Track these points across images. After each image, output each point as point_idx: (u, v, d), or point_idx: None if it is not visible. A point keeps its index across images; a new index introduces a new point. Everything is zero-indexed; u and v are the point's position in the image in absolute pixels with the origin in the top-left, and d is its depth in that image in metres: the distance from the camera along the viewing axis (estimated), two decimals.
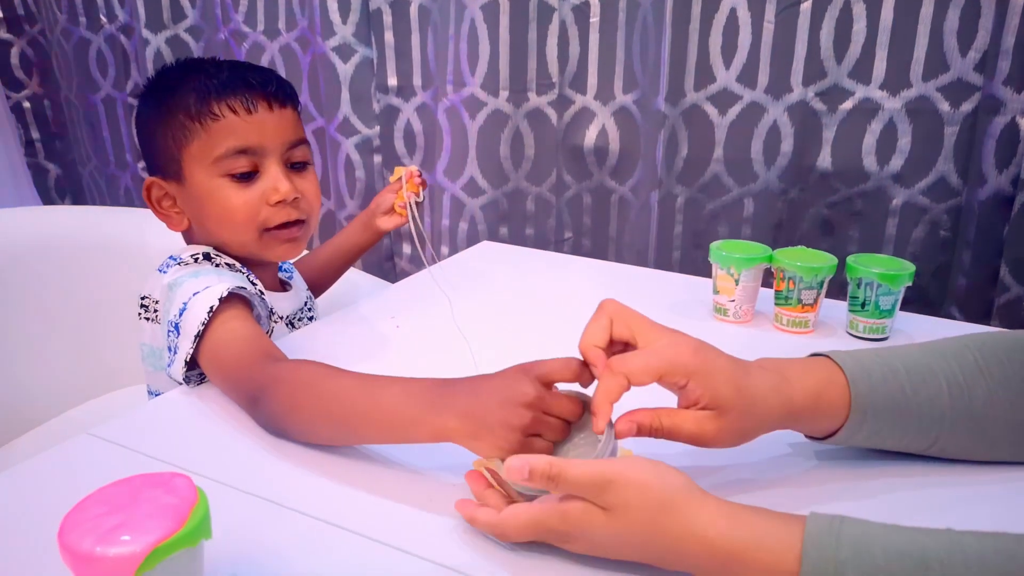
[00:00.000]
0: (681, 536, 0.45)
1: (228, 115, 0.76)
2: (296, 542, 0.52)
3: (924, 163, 1.14)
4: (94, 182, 1.95)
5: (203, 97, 0.76)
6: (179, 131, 0.76)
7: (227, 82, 0.77)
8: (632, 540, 0.46)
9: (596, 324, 0.56)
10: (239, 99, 0.76)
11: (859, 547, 0.41)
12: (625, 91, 1.32)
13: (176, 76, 0.79)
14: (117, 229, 1.29)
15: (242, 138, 0.76)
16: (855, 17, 1.13)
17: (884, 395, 0.56)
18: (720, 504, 0.46)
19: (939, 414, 0.56)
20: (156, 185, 0.80)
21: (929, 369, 0.57)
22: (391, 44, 1.46)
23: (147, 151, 0.81)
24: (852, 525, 0.43)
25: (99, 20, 1.74)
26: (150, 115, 0.79)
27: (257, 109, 0.77)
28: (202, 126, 0.76)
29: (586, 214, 1.43)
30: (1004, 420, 0.57)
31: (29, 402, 1.17)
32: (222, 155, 0.76)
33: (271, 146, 0.78)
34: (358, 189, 1.55)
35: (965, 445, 0.58)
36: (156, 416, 0.70)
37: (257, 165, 0.78)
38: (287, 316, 0.88)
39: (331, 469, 0.60)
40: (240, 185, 0.77)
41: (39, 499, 0.56)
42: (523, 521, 0.49)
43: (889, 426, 0.57)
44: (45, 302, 1.20)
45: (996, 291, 1.11)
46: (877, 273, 0.82)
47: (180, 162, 0.77)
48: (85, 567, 0.38)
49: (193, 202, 0.79)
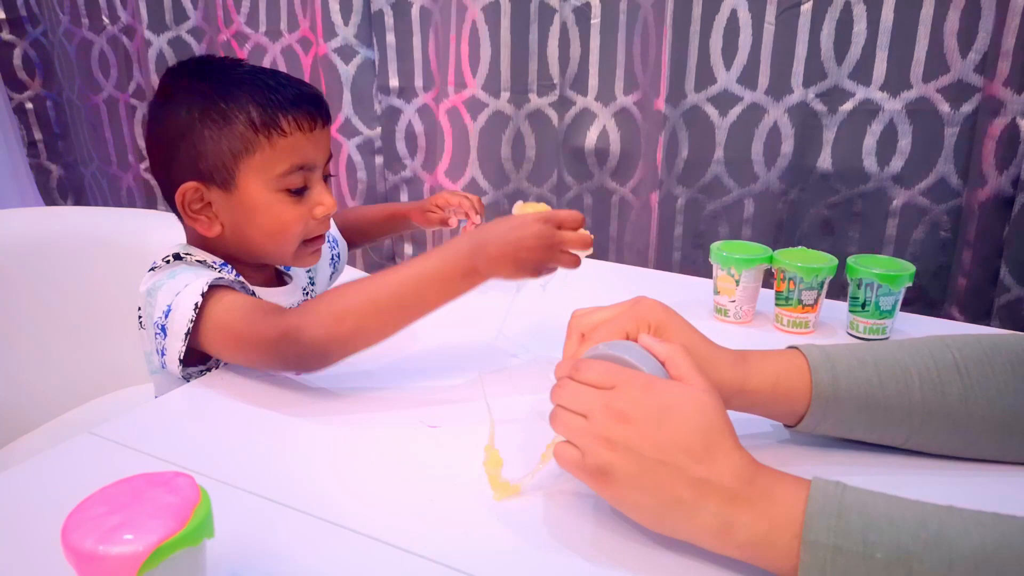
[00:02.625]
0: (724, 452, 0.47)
1: (295, 132, 0.76)
2: (298, 541, 0.52)
3: (924, 164, 1.15)
4: (96, 183, 1.96)
5: (270, 111, 0.75)
6: (238, 141, 0.75)
7: (292, 99, 0.76)
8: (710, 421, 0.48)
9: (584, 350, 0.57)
10: (304, 116, 0.76)
11: (862, 496, 0.44)
12: (626, 92, 1.32)
13: (221, 80, 0.77)
14: (119, 229, 1.29)
15: (304, 156, 0.77)
16: (855, 18, 1.13)
17: (849, 384, 0.57)
18: (747, 459, 0.48)
19: (908, 407, 0.57)
20: (193, 190, 0.77)
21: (901, 363, 0.58)
22: (392, 45, 1.46)
23: (184, 154, 0.77)
24: (855, 487, 0.45)
25: (101, 21, 1.74)
26: (193, 118, 0.75)
27: (316, 127, 0.78)
28: (268, 141, 0.75)
29: (587, 215, 1.43)
30: (982, 418, 0.57)
31: (31, 402, 1.17)
32: (286, 171, 0.76)
33: (320, 162, 0.80)
34: (359, 190, 1.56)
35: (943, 440, 0.59)
36: (158, 415, 0.70)
37: (308, 181, 0.79)
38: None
39: (333, 468, 0.61)
40: (294, 199, 0.78)
41: (42, 498, 0.56)
42: (617, 366, 0.52)
43: (856, 415, 0.58)
44: (47, 302, 1.20)
45: (996, 292, 1.11)
46: (877, 274, 0.82)
47: (234, 171, 0.76)
48: (88, 566, 0.38)
49: (240, 212, 0.78)
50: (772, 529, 0.44)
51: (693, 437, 0.47)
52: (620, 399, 0.49)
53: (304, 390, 0.73)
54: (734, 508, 0.46)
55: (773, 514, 0.45)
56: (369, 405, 0.71)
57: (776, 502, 0.45)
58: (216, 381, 0.75)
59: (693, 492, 0.46)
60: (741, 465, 0.47)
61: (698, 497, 0.46)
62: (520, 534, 0.53)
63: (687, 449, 0.47)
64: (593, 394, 0.50)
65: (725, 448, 0.47)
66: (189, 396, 0.72)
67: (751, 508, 0.45)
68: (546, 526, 0.54)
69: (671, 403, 0.48)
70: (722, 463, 0.47)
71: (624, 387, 0.49)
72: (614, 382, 0.50)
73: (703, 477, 0.46)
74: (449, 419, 0.68)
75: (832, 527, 0.42)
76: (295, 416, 0.68)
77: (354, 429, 0.67)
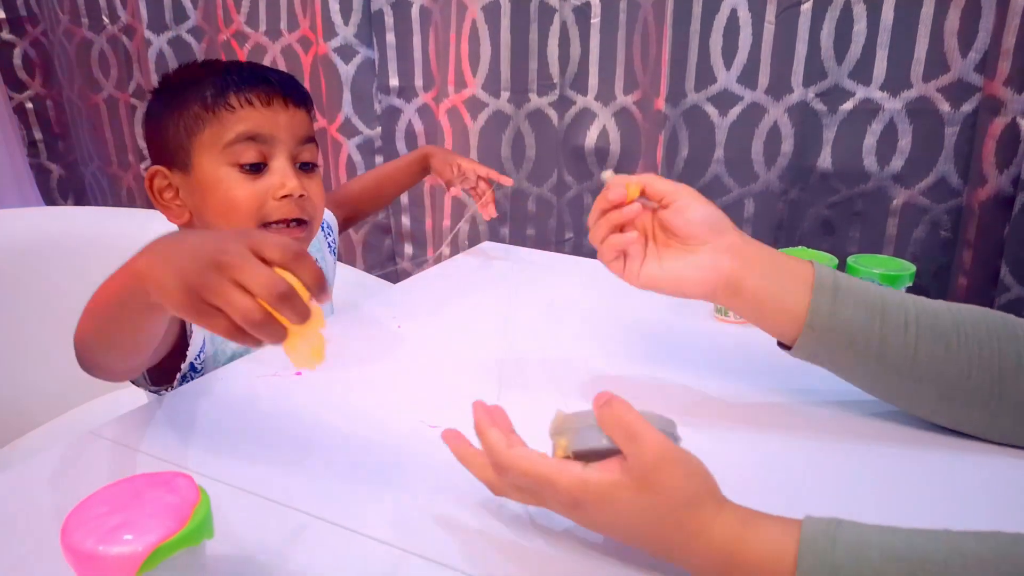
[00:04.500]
0: (694, 533, 0.45)
1: (244, 106, 0.77)
2: (298, 541, 0.52)
3: (924, 163, 1.15)
4: (96, 182, 1.96)
5: (221, 90, 0.77)
6: (192, 120, 0.77)
7: (247, 78, 0.78)
8: (648, 523, 0.45)
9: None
10: (256, 93, 0.77)
11: (855, 550, 0.41)
12: (626, 92, 1.32)
13: (194, 72, 0.80)
14: (119, 229, 1.29)
15: (253, 125, 0.77)
16: (855, 18, 1.13)
17: (848, 284, 0.59)
18: (730, 508, 0.46)
19: (903, 316, 0.58)
20: (160, 174, 0.79)
21: (902, 306, 0.59)
22: (392, 45, 1.46)
23: (155, 142, 0.81)
24: (848, 528, 0.43)
25: (101, 21, 1.74)
26: (163, 108, 0.79)
27: (272, 103, 0.78)
28: (215, 115, 0.76)
29: (587, 214, 1.43)
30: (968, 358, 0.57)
31: (31, 401, 1.17)
32: (232, 140, 0.76)
33: (282, 138, 0.78)
34: None
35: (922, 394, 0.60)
36: (158, 415, 0.70)
37: (266, 156, 0.78)
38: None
39: (333, 468, 0.60)
40: (247, 176, 0.77)
41: (41, 498, 0.56)
42: (536, 468, 0.46)
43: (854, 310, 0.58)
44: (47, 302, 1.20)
45: (997, 291, 1.11)
46: (878, 273, 0.82)
47: (189, 150, 0.77)
48: (87, 566, 0.38)
49: (197, 192, 0.79)
50: None
51: (645, 534, 0.46)
52: (559, 508, 0.47)
53: (304, 390, 0.73)
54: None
55: None
56: (369, 405, 0.70)
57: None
58: (215, 381, 0.75)
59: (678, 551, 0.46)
60: (714, 552, 0.44)
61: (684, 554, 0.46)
62: (520, 534, 0.53)
63: (648, 542, 0.46)
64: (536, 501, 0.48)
65: (681, 537, 0.45)
66: (189, 396, 0.72)
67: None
68: (546, 526, 0.54)
69: (604, 519, 0.46)
70: (694, 556, 0.45)
71: (552, 502, 0.47)
72: (541, 495, 0.47)
73: (676, 558, 0.46)
74: (449, 419, 0.68)
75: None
76: (295, 416, 0.68)
77: (354, 429, 0.66)
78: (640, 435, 0.44)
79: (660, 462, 0.44)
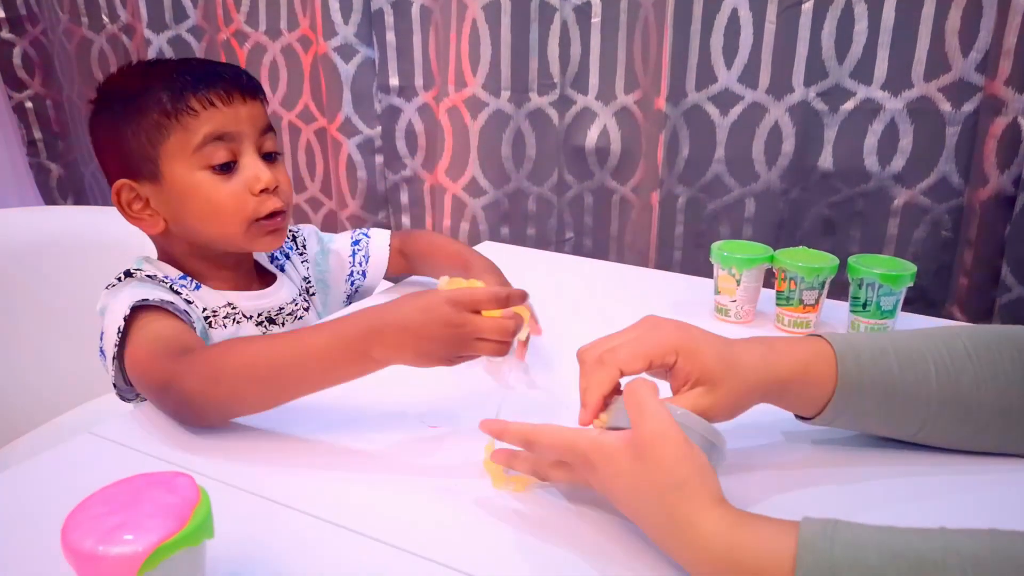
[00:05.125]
0: (685, 522, 0.46)
1: (206, 107, 0.76)
2: (298, 541, 0.52)
3: (925, 163, 1.14)
4: (96, 182, 1.96)
5: (178, 93, 0.75)
6: (153, 129, 0.75)
7: (201, 77, 0.76)
8: (643, 496, 0.48)
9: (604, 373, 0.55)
10: (215, 92, 0.76)
11: (853, 549, 0.41)
12: (626, 91, 1.32)
13: (137, 78, 0.79)
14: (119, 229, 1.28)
15: (218, 125, 0.76)
16: (856, 17, 1.13)
17: (873, 372, 0.57)
18: (727, 508, 0.46)
19: (927, 395, 0.57)
20: (126, 187, 0.78)
21: (918, 351, 0.58)
22: (393, 44, 1.46)
23: (112, 154, 0.79)
24: (846, 528, 0.43)
25: (101, 20, 1.74)
26: (116, 119, 0.77)
27: (232, 100, 0.77)
28: (179, 121, 0.75)
29: (587, 214, 1.43)
30: (991, 406, 0.57)
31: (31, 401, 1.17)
32: (200, 144, 0.75)
33: (247, 132, 0.78)
34: (359, 189, 1.56)
35: (952, 430, 0.59)
36: (158, 415, 0.70)
37: (235, 154, 0.77)
38: (263, 313, 0.86)
39: (333, 469, 0.60)
40: (221, 177, 0.77)
41: (41, 498, 0.56)
42: (558, 437, 0.52)
43: (876, 404, 0.58)
44: (47, 302, 1.20)
45: (998, 291, 1.11)
46: (879, 273, 0.82)
47: (156, 160, 0.76)
48: (88, 566, 0.38)
49: (173, 201, 0.78)
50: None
51: (644, 519, 0.49)
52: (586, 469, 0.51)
53: None
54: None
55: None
56: (369, 405, 0.70)
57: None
58: None
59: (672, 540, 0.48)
60: (705, 547, 0.45)
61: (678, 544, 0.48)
62: (520, 534, 0.53)
63: (645, 524, 0.49)
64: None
65: (685, 530, 0.46)
66: None
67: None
68: (546, 526, 0.54)
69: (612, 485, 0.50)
70: (687, 548, 0.46)
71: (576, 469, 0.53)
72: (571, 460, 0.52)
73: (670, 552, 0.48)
74: (449, 419, 0.68)
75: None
76: (295, 416, 0.68)
77: (354, 429, 0.66)
78: (647, 411, 0.48)
79: (656, 438, 0.47)
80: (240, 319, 0.83)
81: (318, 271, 0.98)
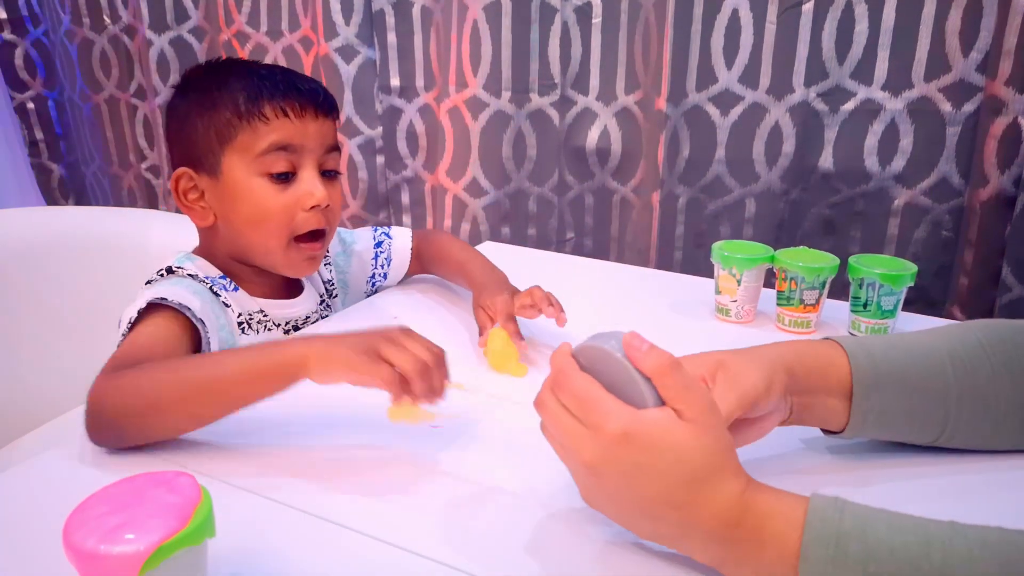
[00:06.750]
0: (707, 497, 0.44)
1: (278, 116, 0.76)
2: (299, 540, 0.52)
3: (926, 163, 1.15)
4: (97, 182, 1.96)
5: (255, 98, 0.76)
6: (223, 126, 0.77)
7: (280, 86, 0.77)
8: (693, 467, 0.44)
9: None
10: (290, 103, 0.77)
11: (862, 521, 0.42)
12: (627, 92, 1.32)
13: (220, 73, 0.79)
14: (120, 229, 1.29)
15: (285, 136, 0.77)
16: (857, 18, 1.13)
17: (887, 368, 0.57)
18: (745, 478, 0.46)
19: (944, 389, 0.57)
20: (186, 176, 0.79)
21: (931, 346, 0.58)
22: (394, 45, 1.46)
23: (180, 142, 0.80)
24: (855, 505, 0.43)
25: (103, 21, 1.74)
26: (191, 109, 0.79)
27: (305, 115, 0.78)
28: (249, 124, 0.76)
29: (588, 214, 1.43)
30: (1007, 398, 0.57)
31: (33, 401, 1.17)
32: (264, 150, 0.76)
33: (311, 147, 0.79)
34: (360, 189, 1.56)
35: (973, 427, 0.58)
36: None
37: (295, 166, 0.78)
38: (291, 322, 0.87)
39: (333, 468, 0.60)
40: (277, 186, 0.78)
41: (42, 498, 0.56)
42: (593, 390, 0.46)
43: (896, 400, 0.57)
44: (48, 302, 1.20)
45: (998, 291, 1.11)
46: (879, 273, 0.82)
47: (219, 156, 0.77)
48: (89, 566, 0.38)
49: (226, 198, 0.79)
50: (764, 566, 0.43)
51: (672, 490, 0.44)
52: (592, 449, 0.45)
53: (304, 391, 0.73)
54: (720, 548, 0.45)
55: (762, 557, 0.43)
56: (370, 404, 0.70)
57: (766, 544, 0.43)
58: None
59: (676, 531, 0.46)
60: (726, 507, 0.44)
61: (681, 536, 0.46)
62: (520, 534, 0.53)
63: (666, 501, 0.45)
64: (568, 432, 0.47)
65: (708, 491, 0.44)
66: None
67: (737, 549, 0.44)
68: (546, 526, 0.54)
69: (645, 461, 0.44)
70: (704, 509, 0.44)
71: (596, 433, 0.45)
72: (589, 419, 0.45)
73: (684, 522, 0.45)
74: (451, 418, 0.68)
75: (831, 558, 0.41)
76: (295, 416, 0.68)
77: (355, 428, 0.66)
78: (693, 386, 0.46)
79: (714, 407, 0.46)
80: (271, 327, 0.84)
81: (339, 272, 0.98)
